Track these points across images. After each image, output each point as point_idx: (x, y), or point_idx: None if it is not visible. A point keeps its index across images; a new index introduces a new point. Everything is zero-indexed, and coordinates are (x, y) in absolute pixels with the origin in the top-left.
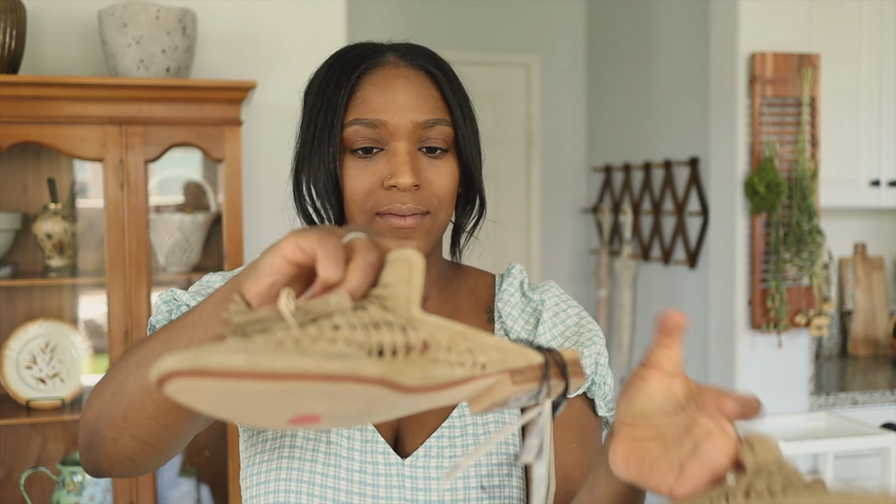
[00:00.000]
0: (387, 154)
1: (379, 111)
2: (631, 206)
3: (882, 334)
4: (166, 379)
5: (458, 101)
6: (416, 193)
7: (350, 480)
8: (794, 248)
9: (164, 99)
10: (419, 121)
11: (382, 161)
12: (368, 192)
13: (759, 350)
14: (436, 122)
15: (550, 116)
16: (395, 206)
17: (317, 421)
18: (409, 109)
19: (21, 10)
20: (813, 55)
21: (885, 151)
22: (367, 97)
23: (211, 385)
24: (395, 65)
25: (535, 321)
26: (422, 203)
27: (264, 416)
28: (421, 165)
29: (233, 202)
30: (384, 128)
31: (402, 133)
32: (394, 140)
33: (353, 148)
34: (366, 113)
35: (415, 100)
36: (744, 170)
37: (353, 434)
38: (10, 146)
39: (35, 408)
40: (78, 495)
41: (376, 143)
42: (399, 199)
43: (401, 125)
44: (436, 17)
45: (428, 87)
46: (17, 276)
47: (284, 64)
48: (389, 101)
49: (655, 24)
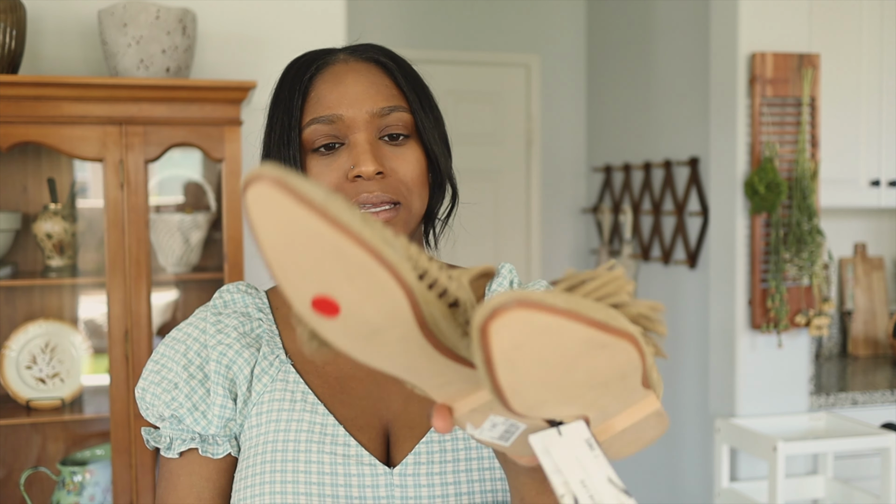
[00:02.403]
0: (348, 148)
1: (333, 106)
2: (631, 206)
3: (882, 334)
4: (255, 181)
5: (413, 88)
6: (381, 181)
7: (336, 497)
8: (794, 248)
9: (164, 99)
10: (374, 110)
11: (344, 155)
12: (335, 188)
13: (759, 350)
14: (392, 109)
15: (550, 116)
16: (362, 197)
17: (335, 313)
18: (362, 100)
19: (21, 10)
20: (813, 55)
21: (885, 151)
22: (321, 95)
23: (286, 209)
24: (345, 61)
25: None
26: (389, 191)
27: (299, 276)
28: (383, 153)
29: (233, 202)
30: (341, 122)
31: (359, 124)
32: (352, 132)
33: (313, 147)
34: (321, 111)
35: (367, 90)
36: (744, 170)
37: (334, 450)
38: (10, 146)
39: (35, 408)
40: (78, 495)
41: (336, 139)
42: (365, 188)
43: (357, 117)
44: (436, 17)
45: (380, 77)
46: (17, 276)
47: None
48: (342, 95)
49: (655, 24)
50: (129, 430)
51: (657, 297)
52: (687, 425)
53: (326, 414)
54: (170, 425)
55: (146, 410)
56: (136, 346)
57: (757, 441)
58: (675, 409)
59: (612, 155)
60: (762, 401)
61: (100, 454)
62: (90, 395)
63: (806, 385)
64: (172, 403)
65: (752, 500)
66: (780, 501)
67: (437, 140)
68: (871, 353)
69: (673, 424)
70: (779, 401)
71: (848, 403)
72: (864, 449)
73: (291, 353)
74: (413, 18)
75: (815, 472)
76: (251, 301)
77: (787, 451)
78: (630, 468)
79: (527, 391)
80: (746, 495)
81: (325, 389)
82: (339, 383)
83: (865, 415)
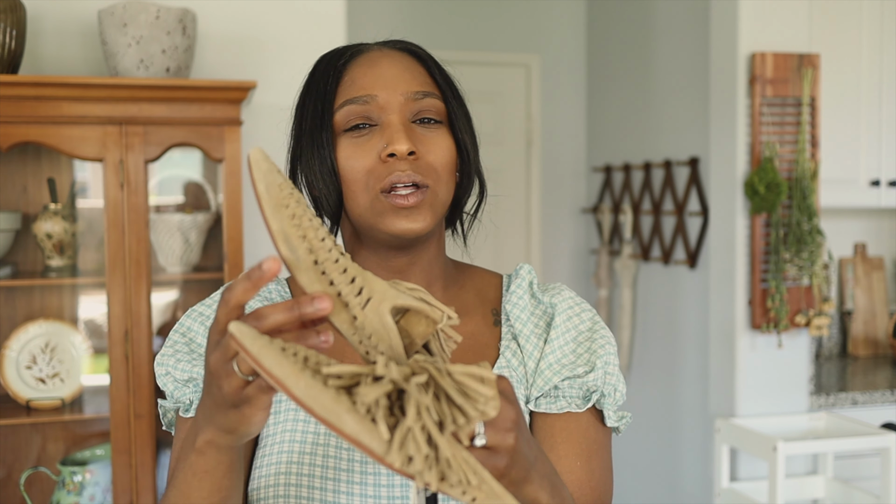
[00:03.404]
0: (381, 129)
1: (368, 88)
2: (631, 206)
3: (882, 334)
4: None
5: (444, 78)
6: (413, 162)
7: (350, 494)
8: (794, 248)
9: (164, 99)
10: (409, 92)
11: (377, 136)
12: (368, 169)
13: (759, 350)
14: (426, 94)
15: (550, 116)
16: (395, 177)
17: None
18: (397, 82)
19: (21, 10)
20: (813, 55)
21: (885, 151)
22: (355, 78)
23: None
24: (379, 49)
25: (546, 324)
26: (420, 171)
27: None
28: (416, 136)
29: (233, 202)
30: (375, 103)
31: (393, 106)
32: (386, 114)
33: (346, 128)
34: (355, 92)
35: (403, 74)
36: (744, 170)
37: (328, 441)
38: (10, 146)
39: (35, 408)
40: (78, 495)
41: (368, 120)
42: (398, 167)
43: (391, 99)
44: (436, 17)
45: (414, 64)
46: (17, 276)
47: (284, 64)
48: (377, 77)
49: (655, 24)
50: (129, 430)
51: (657, 297)
52: (687, 425)
53: None
54: (192, 389)
55: (164, 377)
56: (136, 346)
57: (757, 441)
58: (675, 409)
59: (612, 155)
60: (762, 401)
61: (100, 454)
62: (90, 395)
63: (806, 385)
64: (196, 367)
65: (752, 500)
66: (780, 501)
67: (467, 130)
68: (871, 353)
69: (673, 424)
70: (779, 401)
71: (848, 403)
72: (863, 449)
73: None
74: (413, 18)
75: (815, 472)
76: (273, 287)
77: (787, 451)
78: (630, 468)
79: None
80: (746, 495)
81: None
82: None
83: (865, 415)
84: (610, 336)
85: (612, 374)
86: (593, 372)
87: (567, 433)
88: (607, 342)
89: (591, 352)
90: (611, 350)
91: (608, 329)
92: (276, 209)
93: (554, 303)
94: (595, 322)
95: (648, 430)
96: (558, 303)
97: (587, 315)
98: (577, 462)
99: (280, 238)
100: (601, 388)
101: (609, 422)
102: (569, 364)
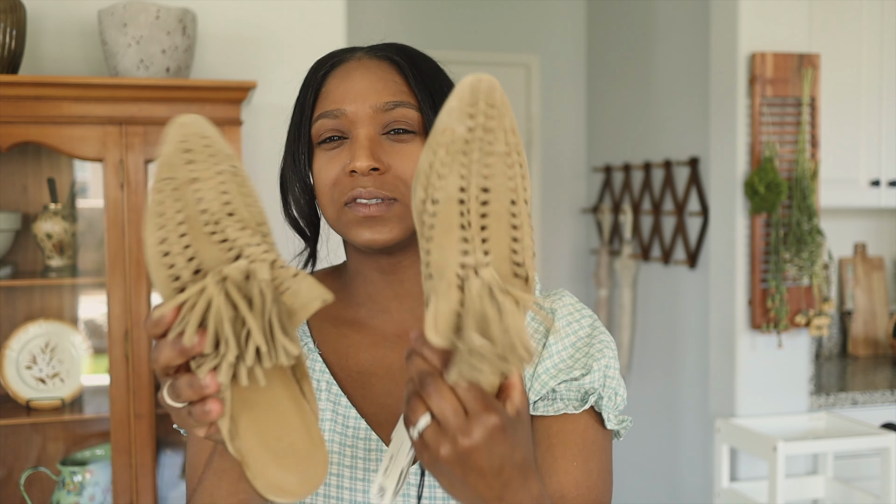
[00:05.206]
0: (350, 142)
1: (338, 101)
2: (631, 206)
3: (882, 334)
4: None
5: (425, 85)
6: (378, 178)
7: (353, 490)
8: (794, 248)
9: (164, 99)
10: (377, 104)
11: (346, 150)
12: (334, 182)
13: (759, 350)
14: (396, 104)
15: (550, 116)
16: (356, 192)
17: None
18: (366, 95)
19: (21, 10)
20: (813, 55)
21: (885, 151)
22: (329, 90)
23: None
24: (358, 59)
25: (545, 329)
26: (385, 188)
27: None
28: (383, 149)
29: None
30: (344, 117)
31: (361, 119)
32: (355, 128)
33: (319, 141)
34: (327, 105)
35: (373, 85)
36: (744, 170)
37: (356, 444)
38: (10, 146)
39: (35, 408)
40: (78, 495)
41: (339, 133)
42: (360, 183)
43: (359, 111)
44: (436, 17)
45: (388, 73)
46: (17, 276)
47: (284, 64)
48: (347, 91)
49: (655, 24)
50: (129, 430)
51: (657, 297)
52: (687, 425)
53: (349, 406)
54: None
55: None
56: (136, 345)
57: (757, 441)
58: (675, 409)
59: (612, 155)
60: (762, 401)
61: (100, 454)
62: (90, 395)
63: (806, 385)
64: None
65: (752, 500)
66: (780, 501)
67: None
68: (871, 353)
69: (673, 424)
70: (779, 401)
71: (848, 403)
72: (863, 449)
73: (319, 343)
74: (413, 18)
75: (815, 472)
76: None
77: (787, 451)
78: (630, 468)
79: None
80: (746, 495)
81: (348, 383)
82: (360, 378)
83: (865, 415)
84: (610, 341)
85: (612, 377)
86: (590, 374)
87: (564, 434)
88: (606, 346)
89: (589, 356)
90: (610, 354)
91: (608, 334)
92: (151, 217)
93: (554, 308)
94: (595, 328)
95: (648, 430)
96: (558, 308)
97: (587, 321)
98: (573, 462)
99: (151, 264)
100: (599, 391)
101: (609, 424)
102: (566, 368)
